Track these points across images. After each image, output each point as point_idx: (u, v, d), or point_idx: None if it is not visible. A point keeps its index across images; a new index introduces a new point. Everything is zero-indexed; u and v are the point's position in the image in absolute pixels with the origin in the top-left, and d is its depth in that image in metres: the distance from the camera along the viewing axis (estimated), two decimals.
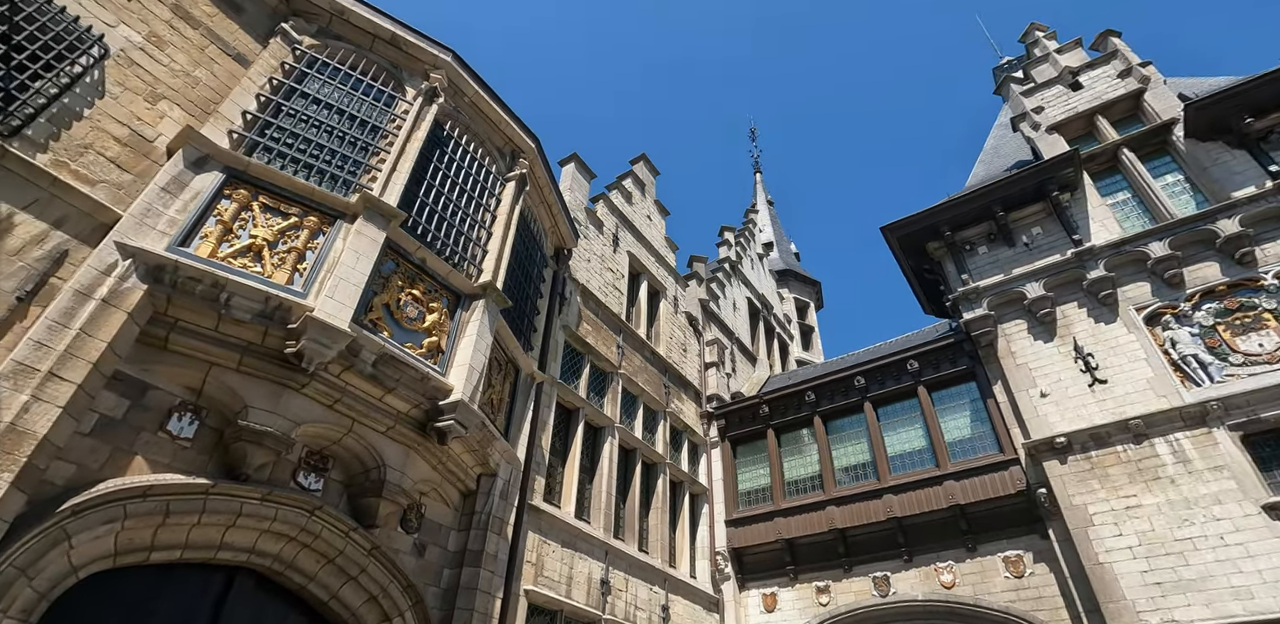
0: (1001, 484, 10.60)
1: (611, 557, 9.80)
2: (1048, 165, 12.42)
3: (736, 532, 12.87)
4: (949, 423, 11.92)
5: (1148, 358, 10.24)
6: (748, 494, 13.56)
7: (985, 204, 12.83)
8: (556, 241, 11.05)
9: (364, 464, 6.53)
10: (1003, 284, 12.11)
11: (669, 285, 15.41)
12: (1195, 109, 11.42)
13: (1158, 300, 10.66)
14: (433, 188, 7.99)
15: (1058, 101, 14.22)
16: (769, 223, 32.15)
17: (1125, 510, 9.28)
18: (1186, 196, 11.59)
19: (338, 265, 6.25)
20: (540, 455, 9.20)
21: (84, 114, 5.60)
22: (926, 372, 12.50)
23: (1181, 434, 9.43)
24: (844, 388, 13.32)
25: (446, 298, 7.68)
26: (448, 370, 7.21)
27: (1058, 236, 12.18)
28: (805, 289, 31.05)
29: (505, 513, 8.04)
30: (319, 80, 7.51)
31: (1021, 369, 11.22)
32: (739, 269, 21.60)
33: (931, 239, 13.44)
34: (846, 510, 11.79)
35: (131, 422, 5.17)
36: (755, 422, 14.18)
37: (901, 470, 11.85)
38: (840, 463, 12.73)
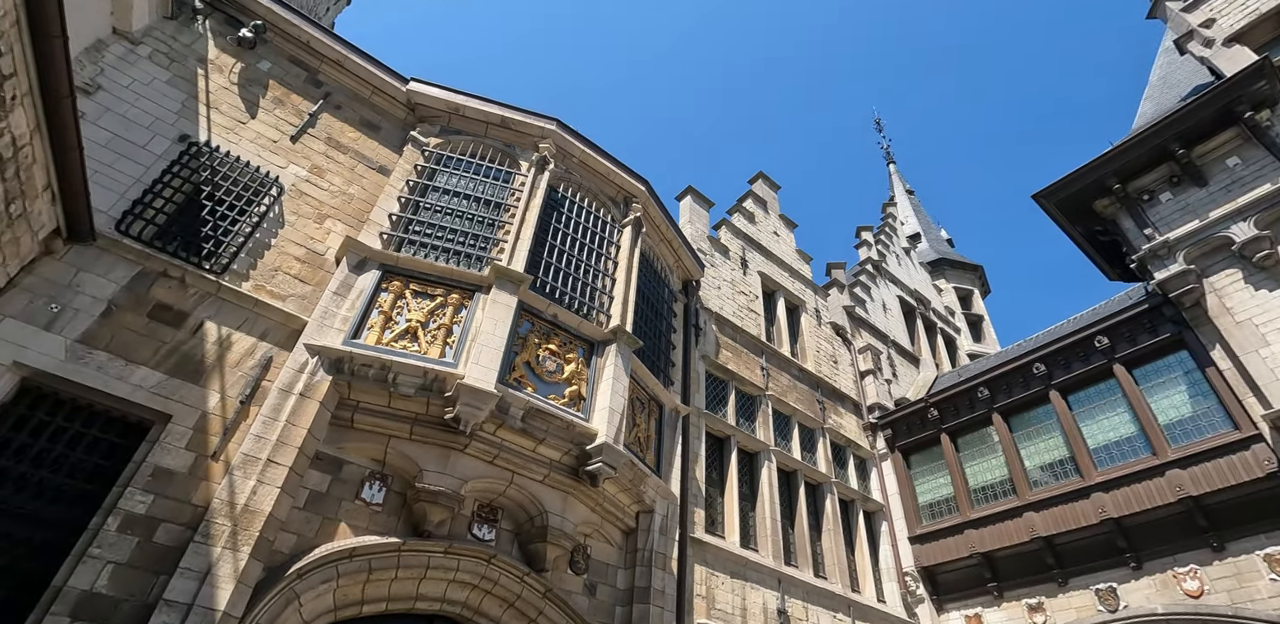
0: (1244, 467, 9.02)
1: (785, 584, 9.72)
2: (1234, 82, 10.53)
3: (923, 549, 12.19)
4: (1160, 402, 10.42)
5: None
6: (930, 506, 12.82)
7: (1160, 143, 11.18)
8: (683, 275, 11.36)
9: (528, 512, 7.13)
10: (1200, 231, 10.46)
11: (807, 298, 15.15)
12: None
13: None
14: (554, 247, 8.65)
15: (1231, 8, 12.28)
16: (911, 214, 30.46)
17: None
18: None
19: (479, 334, 6.98)
20: (696, 487, 9.42)
21: (271, 243, 6.88)
22: (1121, 347, 11.03)
23: None
24: (1022, 378, 12.17)
25: (581, 347, 8.22)
26: (590, 416, 7.70)
27: (1264, 163, 10.34)
28: (965, 276, 28.96)
29: (667, 548, 8.33)
30: (447, 173, 8.52)
31: (1245, 327, 9.53)
32: (883, 268, 20.67)
33: (1100, 196, 11.91)
34: (1049, 515, 10.67)
35: (334, 493, 6.12)
36: (925, 427, 13.42)
37: (1109, 463, 10.49)
38: (1032, 462, 11.60)
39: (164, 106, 6.92)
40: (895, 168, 33.48)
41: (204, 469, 5.41)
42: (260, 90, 7.79)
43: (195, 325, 6.00)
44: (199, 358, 5.86)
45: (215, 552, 4.95)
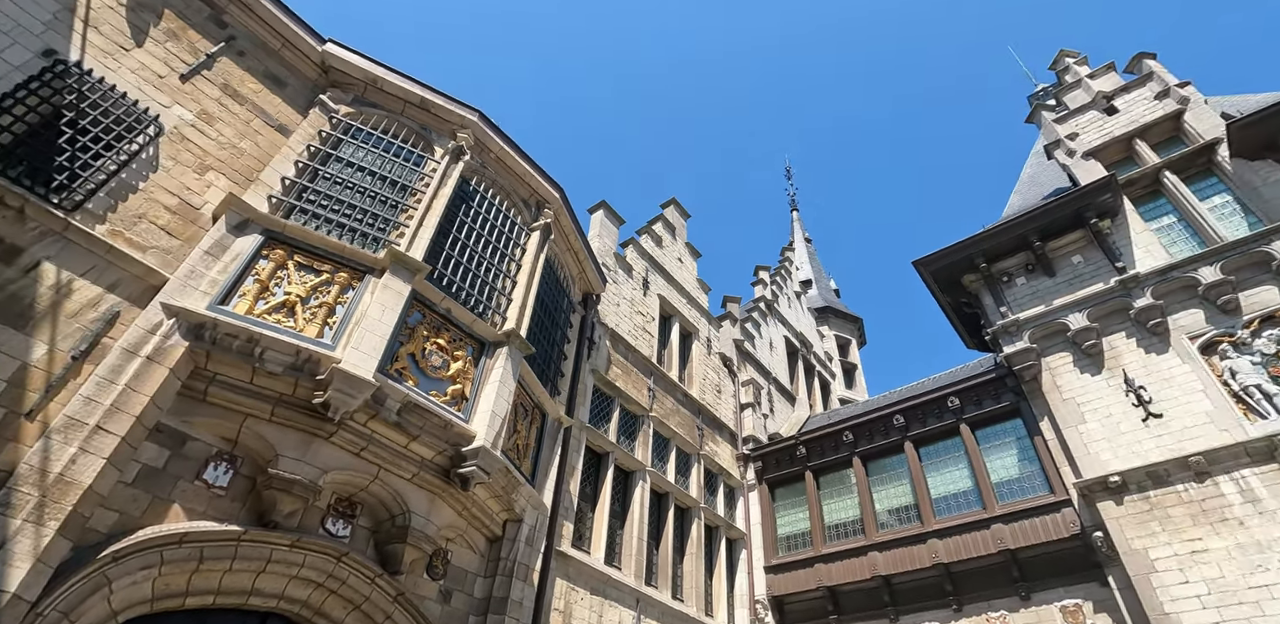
0: (1054, 527, 10.09)
1: (643, 604, 9.66)
2: (1085, 191, 12.08)
3: (777, 578, 12.54)
4: (995, 462, 11.48)
5: (1205, 389, 9.69)
6: (788, 539, 13.24)
7: (1022, 234, 12.53)
8: (584, 287, 11.32)
9: (390, 511, 6.71)
10: (1044, 316, 11.72)
11: (702, 326, 15.49)
12: (1239, 127, 11.06)
13: (1212, 328, 10.13)
14: (459, 241, 8.38)
15: (1092, 127, 13.99)
16: (807, 260, 32.07)
17: (1190, 555, 8.69)
18: (1237, 218, 11.17)
19: (364, 318, 6.58)
20: (569, 500, 9.25)
21: (139, 187, 6.17)
22: (969, 408, 12.13)
23: (1248, 471, 8.83)
24: (883, 427, 13.03)
25: (471, 346, 7.95)
26: (471, 417, 7.41)
27: (1100, 265, 11.78)
28: (846, 326, 30.66)
29: (531, 559, 8.08)
30: (353, 145, 8.06)
31: (1069, 404, 10.75)
32: (775, 308, 21.55)
33: (968, 271, 13.16)
34: (890, 556, 11.39)
35: (171, 471, 5.49)
36: (793, 463, 13.94)
37: (946, 513, 11.41)
38: (882, 506, 12.35)
39: (31, 13, 6.08)
40: (798, 215, 35.30)
41: (14, 428, 4.70)
42: (152, 18, 7.02)
43: (29, 264, 5.24)
44: (28, 302, 5.12)
45: (14, 524, 4.28)
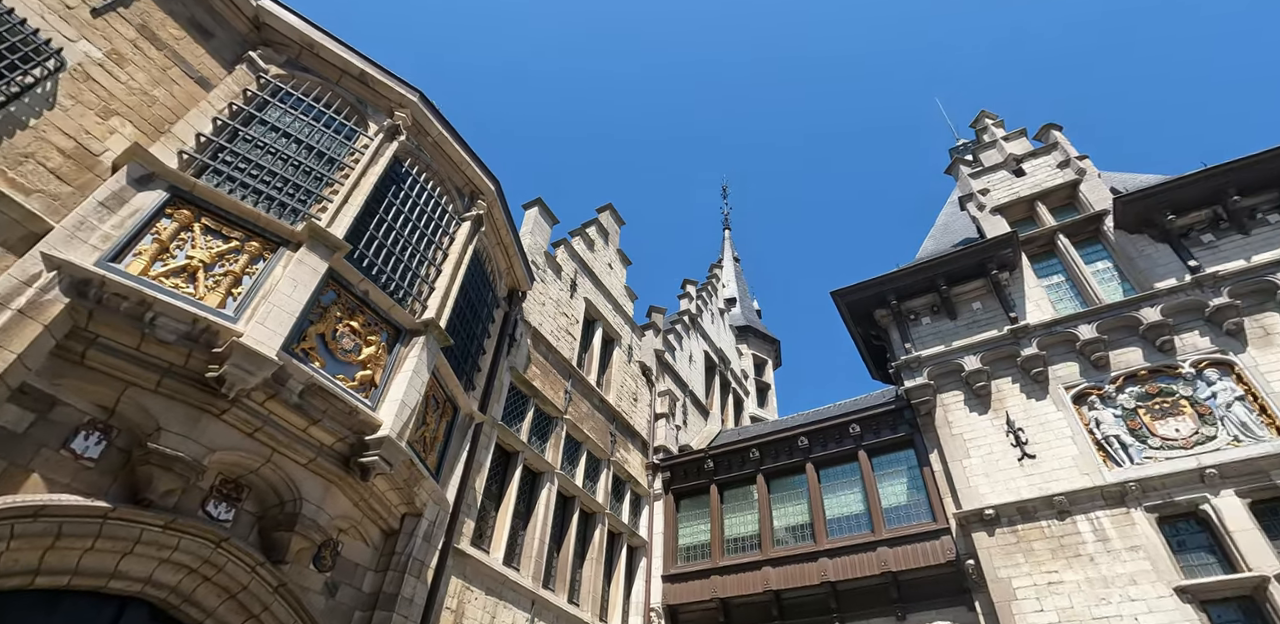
0: (933, 553, 10.67)
1: (539, 607, 9.48)
2: (989, 245, 13.02)
3: (673, 588, 12.60)
4: (887, 488, 12.06)
5: (1074, 436, 10.53)
6: (687, 550, 13.36)
7: (931, 277, 13.33)
8: (511, 283, 11.15)
9: (280, 496, 6.33)
10: (943, 355, 12.46)
11: (625, 334, 15.52)
12: (1123, 203, 12.18)
13: (1085, 381, 11.04)
14: (384, 222, 8.09)
15: (1002, 185, 15.03)
16: (733, 279, 32.78)
17: (1047, 586, 9.37)
18: (1115, 284, 12.20)
19: (274, 292, 6.23)
20: (473, 498, 9.01)
21: (29, 124, 5.62)
22: (868, 436, 12.72)
23: (1102, 513, 9.63)
24: (788, 447, 13.44)
25: (386, 332, 7.67)
26: (379, 405, 7.13)
27: (996, 313, 12.64)
28: (764, 347, 31.42)
29: (427, 555, 7.80)
30: (281, 109, 7.66)
31: (956, 439, 11.45)
32: (699, 322, 21.88)
33: (879, 307, 13.86)
34: (782, 572, 11.70)
35: (34, 436, 4.99)
36: (700, 476, 14.12)
37: (838, 534, 11.88)
38: (780, 523, 12.70)
39: None
40: (730, 234, 36.07)
41: None
42: None
43: None
44: None
45: None
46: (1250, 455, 9.23)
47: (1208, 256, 11.37)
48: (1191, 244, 11.67)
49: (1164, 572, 8.83)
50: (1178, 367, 10.51)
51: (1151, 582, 8.79)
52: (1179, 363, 10.53)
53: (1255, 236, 11.24)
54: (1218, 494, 9.12)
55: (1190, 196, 11.74)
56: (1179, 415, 10.10)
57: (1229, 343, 10.41)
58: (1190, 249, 11.58)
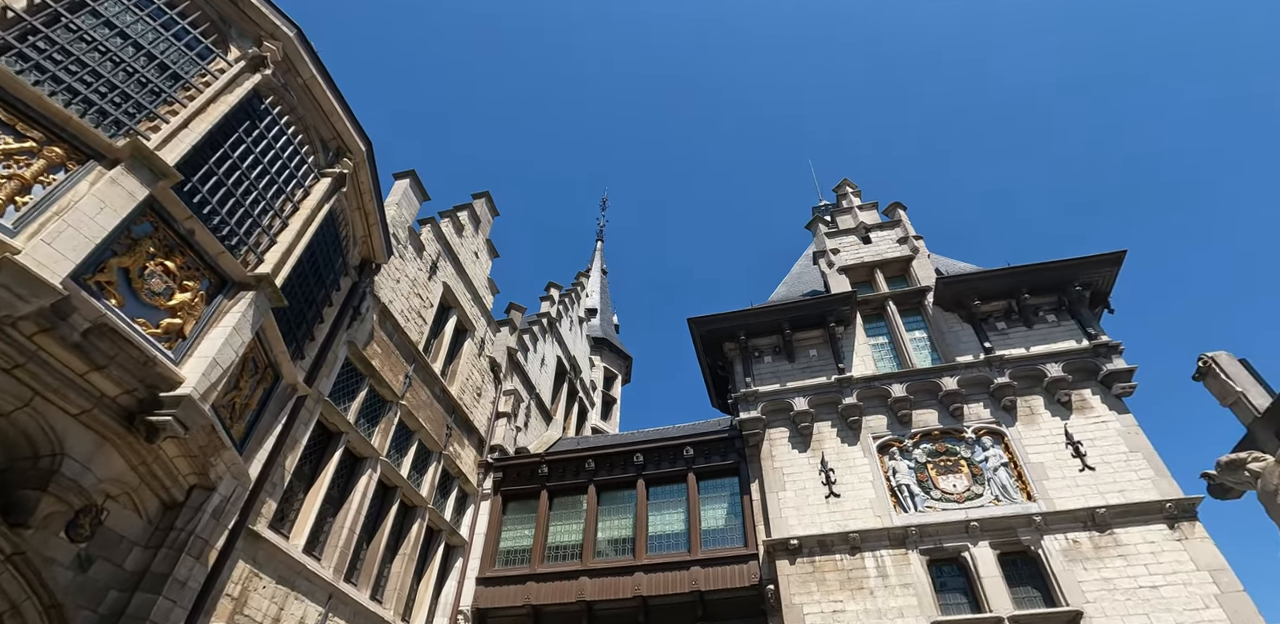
0: (739, 576, 11.21)
1: (335, 601, 8.70)
2: (831, 300, 14.37)
3: (486, 591, 12.14)
4: (709, 511, 12.55)
5: (874, 481, 11.70)
6: (508, 553, 12.98)
7: (779, 320, 14.38)
8: (365, 253, 10.38)
9: (35, 448, 5.34)
10: (777, 393, 13.38)
11: (479, 326, 14.98)
12: (943, 284, 14.00)
13: (890, 433, 12.36)
14: (229, 159, 7.24)
15: (851, 249, 16.55)
16: (598, 290, 32.90)
17: (832, 613, 10.21)
18: (926, 352, 13.82)
19: (72, 210, 5.33)
20: (280, 476, 8.14)
21: None
22: (699, 460, 13.23)
23: (886, 552, 10.73)
24: (624, 462, 13.61)
25: (209, 280, 6.82)
26: (184, 359, 6.29)
27: (828, 362, 13.81)
28: (617, 361, 31.70)
29: (213, 535, 6.91)
30: (124, 6, 6.65)
31: (776, 472, 12.27)
32: (557, 327, 21.64)
33: (729, 340, 14.66)
34: (598, 583, 11.74)
35: None
36: (533, 480, 13.84)
37: (657, 551, 12.17)
38: (604, 535, 12.77)
39: None
40: (602, 245, 36.22)
41: None
42: None
43: None
44: None
45: None
46: (1004, 514, 10.67)
47: (999, 341, 13.17)
48: (989, 328, 13.47)
49: (926, 608, 9.95)
50: (963, 431, 12.06)
51: (915, 616, 9.88)
52: (964, 428, 12.09)
53: (1036, 330, 13.23)
54: (976, 544, 10.49)
55: (994, 288, 13.69)
56: (958, 473, 11.54)
57: (1003, 416, 12.14)
58: (987, 332, 13.36)
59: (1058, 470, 11.18)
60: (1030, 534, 10.44)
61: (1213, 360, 5.49)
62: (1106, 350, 12.37)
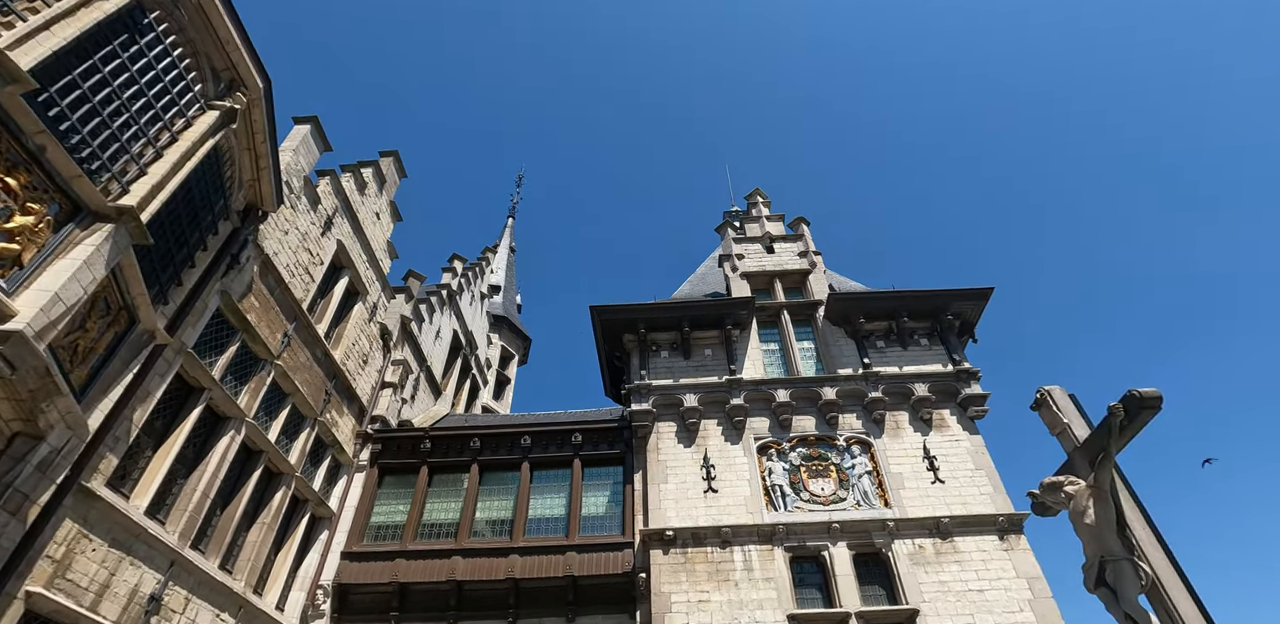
0: (614, 563, 11.37)
1: (178, 569, 8.04)
2: (731, 303, 14.84)
3: (351, 566, 11.65)
4: (590, 498, 12.64)
5: (750, 480, 12.21)
6: (379, 528, 12.51)
7: (679, 317, 14.65)
8: (252, 198, 9.59)
9: None
10: (670, 388, 13.67)
11: (373, 291, 14.27)
12: (834, 300, 14.84)
13: (770, 436, 12.94)
14: (99, 74, 6.48)
15: (755, 257, 17.07)
16: (504, 267, 32.20)
17: (698, 603, 10.57)
18: (812, 362, 14.56)
19: None
20: (126, 430, 7.41)
21: None
22: (587, 447, 13.28)
23: (754, 547, 11.24)
24: (511, 443, 13.45)
25: (59, 204, 6.11)
26: (18, 290, 5.63)
27: (721, 362, 14.24)
28: (516, 341, 31.22)
29: (37, 489, 6.20)
30: None
31: (661, 465, 12.54)
32: (456, 300, 20.99)
33: (629, 331, 14.77)
34: (472, 563, 11.56)
35: None
36: (414, 455, 13.41)
37: (535, 534, 12.16)
38: (483, 515, 12.59)
39: None
40: (513, 222, 35.42)
41: None
42: None
43: None
44: None
45: None
46: (863, 518, 11.40)
47: (877, 358, 14.10)
48: (870, 346, 14.39)
49: (784, 601, 10.52)
50: (836, 438, 12.82)
51: (774, 608, 10.43)
52: (838, 436, 12.86)
53: (910, 351, 14.28)
54: (836, 544, 11.22)
55: (878, 309, 14.68)
56: (827, 477, 12.25)
57: (872, 428, 13.01)
58: (868, 349, 14.25)
59: (913, 481, 12.09)
60: (883, 538, 11.25)
61: (1048, 393, 6.00)
62: (967, 376, 13.54)
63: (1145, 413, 4.89)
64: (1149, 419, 4.94)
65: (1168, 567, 4.77)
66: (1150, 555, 4.83)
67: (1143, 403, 4.84)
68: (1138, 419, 4.93)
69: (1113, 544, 4.80)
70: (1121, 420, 4.94)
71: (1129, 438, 5.05)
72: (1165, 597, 4.62)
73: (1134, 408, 4.89)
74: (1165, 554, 4.85)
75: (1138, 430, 5.01)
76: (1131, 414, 4.92)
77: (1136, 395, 4.85)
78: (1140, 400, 4.84)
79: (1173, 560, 4.81)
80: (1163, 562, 4.80)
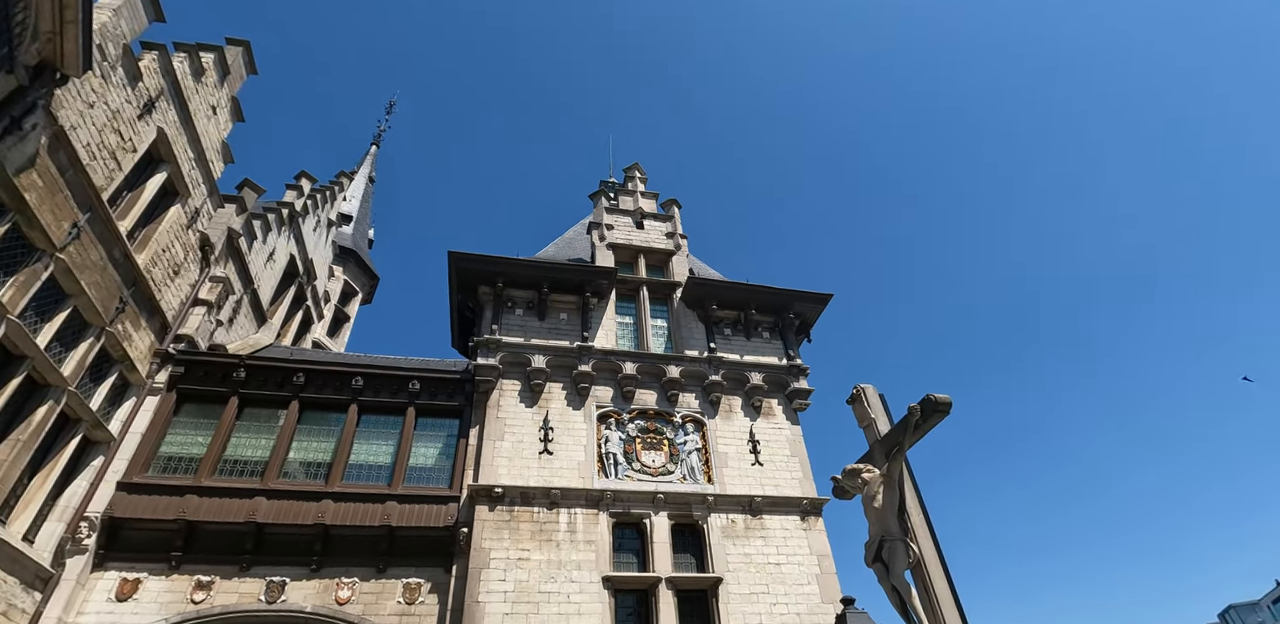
0: (437, 516, 11.08)
1: None
2: (594, 271, 14.88)
3: (129, 499, 10.34)
4: (421, 449, 12.22)
5: (587, 446, 12.40)
6: (170, 459, 11.20)
7: (539, 277, 14.48)
8: (49, 54, 7.89)
9: None
10: (520, 347, 13.46)
11: (197, 194, 12.51)
12: (691, 284, 15.36)
13: (612, 406, 13.23)
14: None
15: (624, 229, 17.13)
16: (360, 197, 29.85)
17: (517, 561, 10.62)
18: (663, 340, 15.02)
19: None
20: None
21: None
22: (424, 396, 12.77)
23: (580, 510, 11.49)
24: (340, 383, 12.61)
25: None
26: None
27: (575, 328, 14.22)
28: (361, 278, 29.28)
29: None
30: None
31: (499, 422, 12.38)
32: (298, 222, 19.12)
33: (486, 284, 14.33)
34: (278, 506, 10.72)
35: None
36: (223, 384, 12.12)
37: (355, 480, 11.55)
38: (298, 456, 11.75)
39: None
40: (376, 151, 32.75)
41: None
42: None
43: None
44: None
45: None
46: (687, 491, 12.06)
47: (723, 344, 14.82)
48: (718, 332, 15.07)
49: (602, 563, 10.86)
50: (673, 415, 13.37)
51: (591, 569, 10.75)
52: (674, 413, 13.42)
53: (752, 342, 15.17)
54: (658, 513, 11.77)
55: (730, 298, 15.37)
56: (659, 450, 12.73)
57: (708, 409, 13.71)
58: (715, 335, 14.89)
59: (736, 461, 12.89)
60: (702, 511, 11.92)
61: (862, 391, 6.54)
62: (797, 371, 14.60)
63: (936, 416, 5.36)
64: (939, 421, 5.42)
65: (932, 549, 5.34)
66: (920, 538, 5.36)
67: (935, 407, 5.32)
68: (930, 420, 5.40)
69: (893, 526, 5.31)
70: (917, 420, 5.41)
71: (921, 435, 5.55)
72: (926, 573, 5.17)
73: (929, 410, 5.35)
74: (931, 538, 5.43)
75: (929, 429, 5.50)
76: (926, 415, 5.38)
77: (932, 399, 5.32)
78: (934, 404, 5.32)
79: (936, 544, 5.39)
80: (929, 544, 5.36)
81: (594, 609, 10.30)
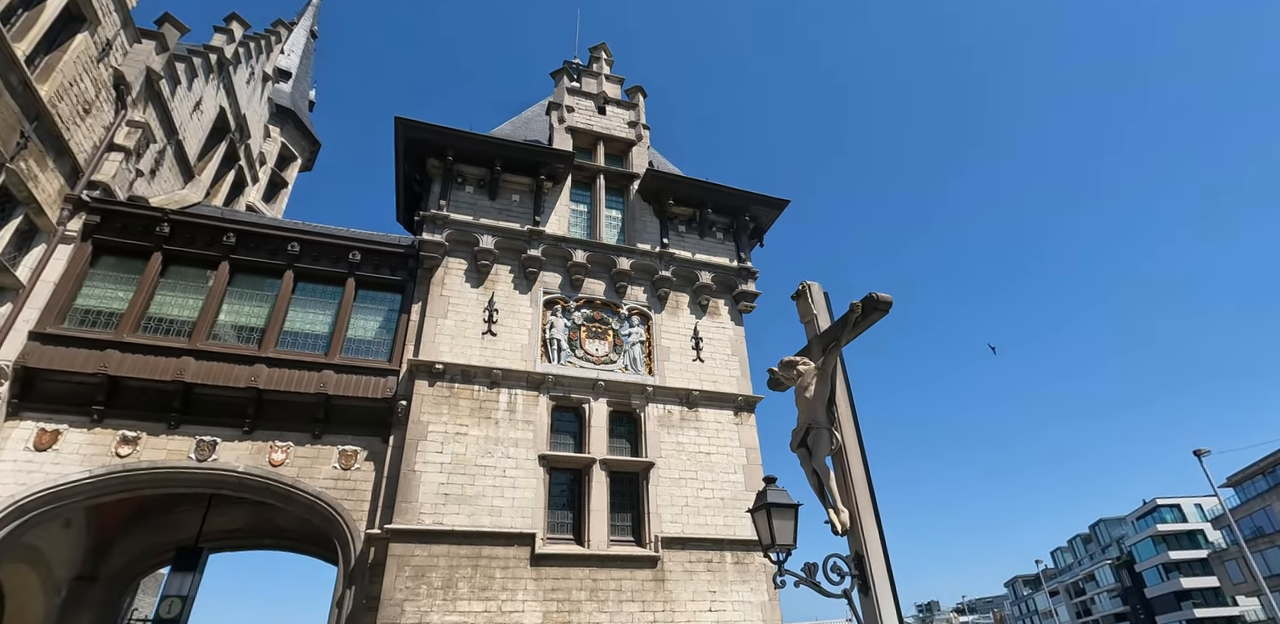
0: (374, 388, 11.09)
1: None
2: (550, 154, 14.16)
3: (43, 349, 9.89)
4: (359, 322, 12.01)
5: (531, 329, 12.42)
6: (86, 312, 10.66)
7: (492, 154, 13.73)
8: None
9: None
10: (468, 225, 12.98)
11: (108, 24, 11.08)
12: (650, 176, 14.81)
13: (559, 293, 13.14)
14: None
15: (585, 113, 16.21)
16: (300, 52, 27.11)
17: (455, 435, 10.83)
18: (616, 231, 14.67)
19: None
20: None
21: None
22: (365, 268, 12.40)
23: (521, 392, 11.66)
24: (274, 247, 12.02)
25: None
26: None
27: (527, 211, 13.74)
28: (301, 142, 27.31)
29: None
30: None
31: (443, 300, 12.19)
32: (229, 72, 17.40)
33: (436, 156, 13.55)
34: (207, 367, 10.49)
35: None
36: (146, 237, 11.37)
37: (288, 347, 11.36)
38: (228, 319, 11.37)
39: None
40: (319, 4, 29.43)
41: None
42: None
43: None
44: None
45: None
46: (627, 381, 12.32)
47: (676, 241, 14.68)
48: (672, 228, 14.86)
49: (539, 442, 11.23)
50: (620, 306, 13.41)
51: (528, 447, 11.11)
52: (622, 304, 13.45)
53: (705, 242, 15.07)
54: (597, 400, 12.11)
55: (687, 194, 15.02)
56: (604, 340, 12.86)
57: (655, 304, 13.77)
58: (669, 231, 14.70)
59: (678, 356, 13.20)
60: (640, 400, 12.30)
61: (808, 287, 6.63)
62: (746, 274, 14.70)
63: (876, 314, 5.46)
64: (878, 319, 5.53)
65: (854, 438, 5.61)
66: (844, 427, 5.62)
67: (876, 305, 5.41)
68: (869, 317, 5.49)
69: (821, 415, 5.55)
70: (857, 317, 5.50)
71: (859, 332, 5.66)
72: (845, 460, 5.46)
73: (869, 307, 5.43)
74: (855, 428, 5.69)
75: (867, 327, 5.60)
76: (866, 312, 5.46)
77: (874, 298, 5.40)
78: (875, 302, 5.40)
79: (858, 433, 5.66)
80: (851, 433, 5.63)
81: (529, 484, 10.74)
